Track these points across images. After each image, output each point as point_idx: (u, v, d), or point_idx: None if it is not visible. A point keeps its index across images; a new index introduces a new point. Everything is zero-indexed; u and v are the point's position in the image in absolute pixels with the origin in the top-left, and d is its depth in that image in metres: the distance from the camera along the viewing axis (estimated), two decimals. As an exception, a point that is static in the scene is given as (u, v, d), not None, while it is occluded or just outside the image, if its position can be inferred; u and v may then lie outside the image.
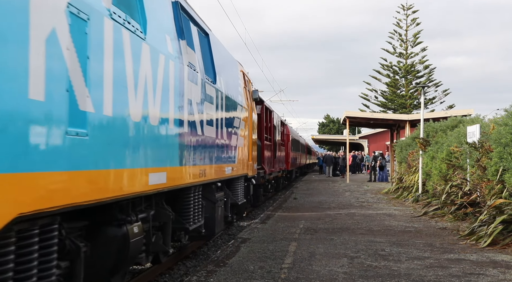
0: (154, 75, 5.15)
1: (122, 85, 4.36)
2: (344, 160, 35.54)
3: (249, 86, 12.19)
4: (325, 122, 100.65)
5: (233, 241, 9.03)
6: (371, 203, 16.00)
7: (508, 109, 9.89)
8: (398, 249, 8.05)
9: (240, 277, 6.23)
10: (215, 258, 7.44)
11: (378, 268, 6.70)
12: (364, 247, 8.20)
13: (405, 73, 49.90)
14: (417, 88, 44.77)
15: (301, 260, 7.19)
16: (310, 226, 10.68)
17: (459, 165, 12.21)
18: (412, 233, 9.86)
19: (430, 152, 15.14)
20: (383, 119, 28.91)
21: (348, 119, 27.94)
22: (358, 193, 20.57)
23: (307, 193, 20.78)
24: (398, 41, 50.28)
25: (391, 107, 49.74)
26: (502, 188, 9.23)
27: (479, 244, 8.41)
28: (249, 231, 10.07)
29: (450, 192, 12.39)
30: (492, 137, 9.70)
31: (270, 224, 11.03)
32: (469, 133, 11.60)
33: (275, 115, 21.17)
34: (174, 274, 7.65)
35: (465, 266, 6.85)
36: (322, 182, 30.35)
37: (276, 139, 20.21)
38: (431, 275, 6.28)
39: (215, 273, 6.43)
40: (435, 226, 10.73)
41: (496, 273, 6.41)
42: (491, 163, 9.49)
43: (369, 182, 29.59)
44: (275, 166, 19.63)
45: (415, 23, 49.77)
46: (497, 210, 8.86)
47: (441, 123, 17.10)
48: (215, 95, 7.89)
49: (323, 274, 6.33)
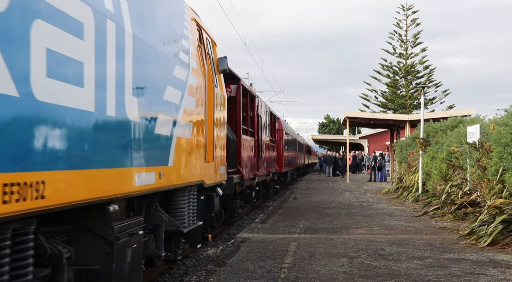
0: None
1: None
2: (344, 160, 35.53)
3: (210, 49, 8.30)
4: (325, 122, 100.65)
5: (233, 240, 9.03)
6: (371, 203, 16.00)
7: (508, 109, 9.90)
8: (398, 249, 8.05)
9: (240, 276, 6.23)
10: (215, 258, 7.44)
11: (378, 267, 6.70)
12: (364, 247, 8.20)
13: (405, 73, 49.92)
14: (417, 89, 44.82)
15: (301, 259, 7.19)
16: (310, 226, 10.68)
17: (459, 165, 12.21)
18: (412, 232, 9.86)
19: (430, 152, 15.15)
20: (383, 119, 28.94)
21: (348, 119, 27.95)
22: (358, 193, 20.56)
23: (307, 193, 20.77)
24: (398, 42, 50.34)
25: (391, 107, 49.76)
26: (502, 188, 9.23)
27: (479, 244, 8.41)
28: (249, 230, 10.08)
29: (450, 192, 12.39)
30: (492, 137, 9.70)
31: (270, 224, 11.03)
32: (469, 133, 11.60)
33: (261, 102, 16.69)
34: (174, 274, 7.65)
35: (465, 265, 6.85)
36: (322, 182, 30.35)
37: (261, 134, 16.09)
38: (431, 275, 6.28)
39: (215, 272, 6.43)
40: (435, 226, 10.73)
41: (496, 273, 6.41)
42: (491, 163, 9.49)
43: (369, 182, 29.59)
44: (260, 169, 15.75)
45: (415, 23, 49.81)
46: (497, 210, 8.86)
47: (441, 123, 17.10)
48: (90, 22, 3.90)
49: (323, 274, 6.33)
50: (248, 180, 13.59)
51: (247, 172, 13.31)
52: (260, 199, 18.22)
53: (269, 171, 18.33)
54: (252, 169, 14.35)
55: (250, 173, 13.78)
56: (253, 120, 14.79)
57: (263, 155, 16.52)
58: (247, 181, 13.51)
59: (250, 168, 13.84)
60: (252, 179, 14.52)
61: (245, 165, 12.96)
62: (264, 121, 17.13)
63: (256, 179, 15.24)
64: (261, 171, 15.98)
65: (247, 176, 13.18)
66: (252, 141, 14.45)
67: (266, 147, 17.54)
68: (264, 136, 16.81)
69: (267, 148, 17.68)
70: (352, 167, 39.83)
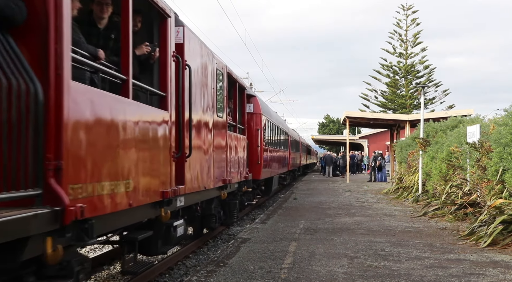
0: None
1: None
2: (344, 160, 35.52)
3: None
4: (325, 122, 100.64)
5: (233, 241, 9.03)
6: (371, 203, 16.00)
7: (508, 109, 9.90)
8: (398, 249, 8.05)
9: (240, 277, 6.23)
10: (215, 258, 7.44)
11: (378, 268, 6.70)
12: (364, 247, 8.20)
13: (405, 73, 49.89)
14: (417, 88, 44.79)
15: (301, 260, 7.19)
16: (310, 226, 10.68)
17: (459, 165, 12.21)
18: (412, 233, 9.85)
19: (430, 152, 15.14)
20: (383, 119, 28.92)
21: (348, 119, 27.94)
22: (358, 193, 20.56)
23: (307, 193, 20.77)
24: (398, 41, 50.30)
25: (391, 107, 49.73)
26: (502, 188, 9.23)
27: (479, 244, 8.41)
28: (249, 231, 10.08)
29: (450, 192, 12.39)
30: (492, 137, 9.70)
31: (270, 224, 11.03)
32: (469, 133, 11.60)
33: (192, 37, 7.49)
34: (174, 274, 7.64)
35: (465, 266, 6.85)
36: (322, 182, 30.34)
37: (194, 108, 7.42)
38: (431, 275, 6.28)
39: (215, 273, 6.43)
40: (435, 226, 10.72)
41: (496, 273, 6.41)
42: (491, 163, 9.49)
43: (369, 182, 29.59)
44: (193, 180, 7.46)
45: (415, 23, 49.77)
46: (497, 210, 8.86)
47: (441, 123, 17.10)
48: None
49: (323, 274, 6.33)
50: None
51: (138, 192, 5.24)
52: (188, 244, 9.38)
53: (227, 180, 9.79)
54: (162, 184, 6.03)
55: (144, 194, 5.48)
56: (162, 71, 6.29)
57: (204, 152, 8.15)
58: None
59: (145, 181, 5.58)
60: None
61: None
62: (205, 82, 8.21)
63: (180, 201, 6.94)
64: (193, 183, 7.42)
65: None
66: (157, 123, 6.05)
67: (211, 135, 8.61)
68: (205, 115, 8.16)
69: (214, 137, 8.81)
70: (351, 167, 39.81)
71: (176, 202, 6.65)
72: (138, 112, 5.30)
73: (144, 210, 5.63)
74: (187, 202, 7.26)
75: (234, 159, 10.66)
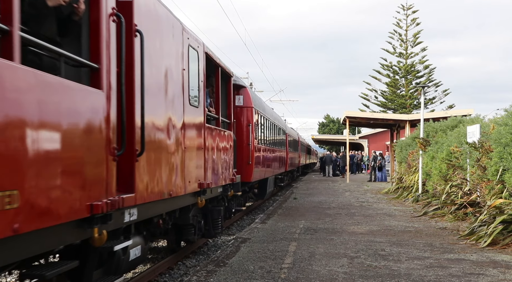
0: None
1: None
2: (344, 160, 35.51)
3: None
4: (325, 122, 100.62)
5: (233, 241, 9.03)
6: (371, 203, 16.00)
7: (508, 109, 9.90)
8: (398, 249, 8.05)
9: (240, 277, 6.23)
10: (215, 258, 7.44)
11: (378, 268, 6.70)
12: (364, 247, 8.20)
13: (405, 73, 49.88)
14: (417, 88, 44.79)
15: (301, 260, 7.19)
16: (310, 226, 10.68)
17: (459, 165, 12.21)
18: (412, 233, 9.85)
19: (430, 152, 15.14)
20: (383, 119, 28.92)
21: (348, 119, 27.94)
22: (358, 193, 20.56)
23: (307, 193, 20.77)
24: (398, 41, 50.28)
25: (391, 107, 49.71)
26: (502, 188, 9.23)
27: (479, 244, 8.41)
28: (249, 231, 10.08)
29: (450, 192, 12.39)
30: (492, 137, 9.70)
31: (270, 224, 11.03)
32: (469, 133, 11.60)
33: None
34: (174, 274, 7.65)
35: (465, 266, 6.85)
36: (322, 182, 30.34)
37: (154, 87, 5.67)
38: (431, 275, 6.28)
39: (215, 273, 6.43)
40: (435, 226, 10.72)
41: (496, 273, 6.41)
42: (491, 163, 9.49)
43: (369, 182, 29.60)
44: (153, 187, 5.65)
45: (415, 23, 49.74)
46: (497, 210, 8.86)
47: (441, 123, 17.10)
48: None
49: (323, 274, 6.33)
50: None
51: None
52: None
53: (205, 184, 7.73)
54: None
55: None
56: (93, 33, 4.40)
57: (169, 149, 6.31)
58: None
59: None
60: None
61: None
62: (169, 59, 6.33)
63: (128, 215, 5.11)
64: (151, 189, 5.56)
65: None
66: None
67: (179, 128, 6.62)
68: (170, 101, 6.29)
69: (185, 132, 6.86)
70: (351, 167, 39.80)
71: (123, 217, 4.84)
72: (34, 85, 3.34)
73: (51, 235, 3.66)
74: (143, 215, 5.36)
75: (216, 158, 8.56)
